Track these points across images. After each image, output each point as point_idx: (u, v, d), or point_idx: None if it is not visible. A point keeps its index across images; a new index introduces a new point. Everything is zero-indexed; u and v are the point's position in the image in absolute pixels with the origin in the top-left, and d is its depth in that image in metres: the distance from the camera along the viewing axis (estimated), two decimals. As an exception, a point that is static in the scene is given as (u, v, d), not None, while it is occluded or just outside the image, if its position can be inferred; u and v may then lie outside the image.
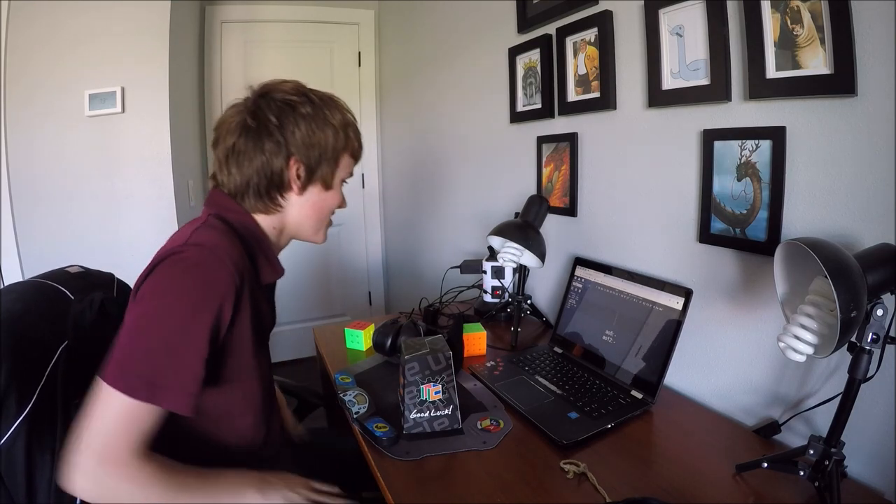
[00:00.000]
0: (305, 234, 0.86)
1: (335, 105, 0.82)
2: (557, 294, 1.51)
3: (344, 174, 0.85)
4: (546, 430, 0.91)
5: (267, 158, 0.76)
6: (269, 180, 0.78)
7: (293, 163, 0.77)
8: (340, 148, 0.81)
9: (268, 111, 0.76)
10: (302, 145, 0.77)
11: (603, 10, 1.22)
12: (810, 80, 0.80)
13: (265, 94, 0.79)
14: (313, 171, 0.79)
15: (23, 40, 1.92)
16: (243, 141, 0.77)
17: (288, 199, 0.81)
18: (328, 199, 0.84)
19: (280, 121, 0.76)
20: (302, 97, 0.78)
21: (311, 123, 0.77)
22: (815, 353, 0.67)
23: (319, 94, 0.82)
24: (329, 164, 0.81)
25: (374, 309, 3.18)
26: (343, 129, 0.81)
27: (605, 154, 1.29)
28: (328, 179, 0.82)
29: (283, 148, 0.76)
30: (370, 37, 2.90)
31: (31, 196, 1.98)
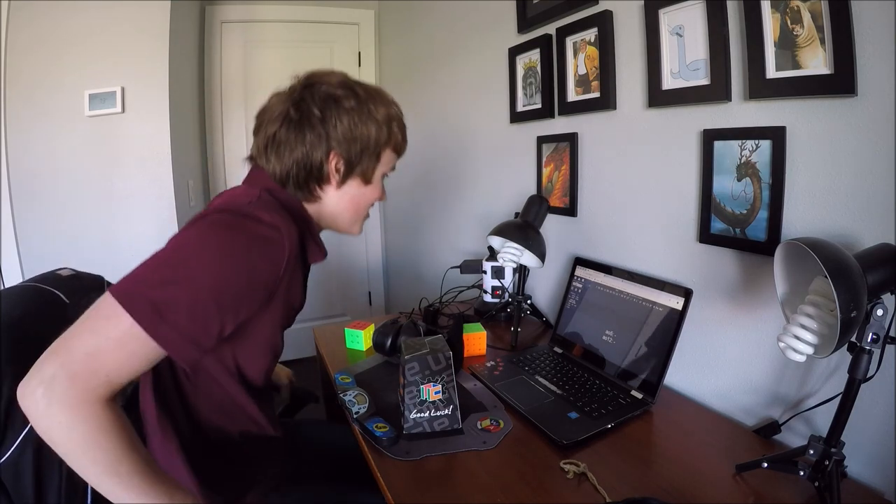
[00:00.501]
0: (342, 225, 0.86)
1: (380, 99, 0.81)
2: (557, 294, 1.51)
3: (385, 169, 0.85)
4: (546, 430, 0.91)
5: (307, 150, 0.76)
6: (308, 172, 0.77)
7: (333, 156, 0.77)
8: (383, 143, 0.81)
9: (311, 103, 0.76)
10: (343, 139, 0.76)
11: (603, 10, 1.22)
12: (810, 80, 0.80)
13: (310, 86, 0.78)
14: (353, 166, 0.79)
15: (23, 40, 1.92)
16: (284, 131, 0.76)
17: (326, 192, 0.80)
18: (367, 194, 0.84)
19: (323, 114, 0.75)
20: (347, 90, 0.77)
21: (353, 118, 0.77)
22: (815, 353, 0.67)
23: (365, 88, 0.81)
24: (370, 158, 0.80)
25: (374, 309, 3.18)
26: (387, 123, 0.81)
27: (605, 154, 1.29)
28: (368, 174, 0.81)
29: (325, 141, 0.76)
30: (370, 37, 2.90)
31: (31, 196, 1.98)
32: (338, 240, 3.34)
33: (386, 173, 0.86)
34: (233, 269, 0.64)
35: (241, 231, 0.66)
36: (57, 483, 0.77)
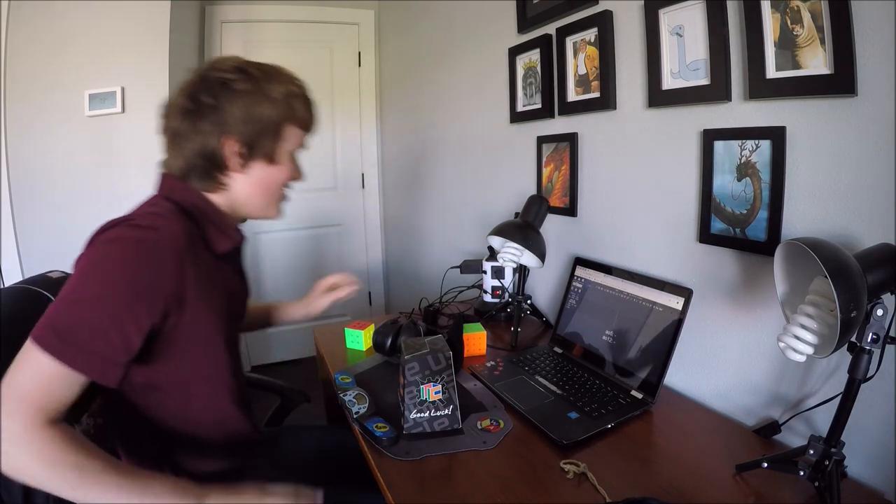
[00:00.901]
0: (255, 210, 0.84)
1: (277, 76, 0.80)
2: (557, 294, 1.51)
3: (291, 146, 0.83)
4: (546, 430, 0.91)
5: (204, 140, 0.76)
6: (208, 161, 0.77)
7: (230, 141, 0.76)
8: (280, 119, 0.79)
9: (203, 92, 0.75)
10: (239, 122, 0.75)
11: (603, 10, 1.22)
12: (810, 80, 0.80)
13: (204, 75, 0.78)
14: (254, 147, 0.78)
15: (23, 40, 1.92)
16: (180, 123, 0.76)
17: (232, 178, 0.79)
18: (275, 174, 0.82)
19: (216, 100, 0.75)
20: (239, 74, 0.76)
21: (247, 100, 0.75)
22: (815, 353, 0.67)
23: (261, 67, 0.80)
24: (270, 137, 0.78)
25: (374, 309, 3.18)
26: (285, 100, 0.79)
27: (605, 154, 1.29)
28: (272, 154, 0.80)
29: (219, 127, 0.75)
30: (370, 37, 2.90)
31: (31, 196, 1.98)
32: (338, 240, 3.35)
33: (294, 151, 0.84)
34: (117, 279, 0.64)
35: (117, 242, 0.66)
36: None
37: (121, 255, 0.65)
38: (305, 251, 2.96)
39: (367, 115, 2.98)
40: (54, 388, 0.61)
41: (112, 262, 0.64)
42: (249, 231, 3.14)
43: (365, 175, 3.03)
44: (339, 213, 3.01)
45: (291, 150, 0.83)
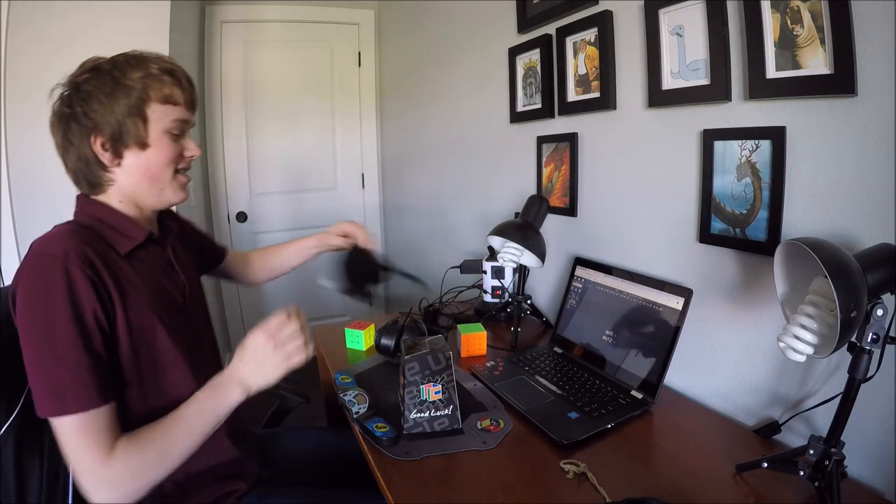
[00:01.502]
0: (151, 198, 0.82)
1: (130, 64, 0.77)
2: (557, 294, 1.51)
3: (164, 124, 0.79)
4: (546, 430, 0.91)
5: (75, 146, 0.76)
6: (85, 164, 0.77)
7: (94, 140, 0.76)
8: (138, 101, 0.76)
9: (62, 102, 0.77)
10: (96, 118, 0.75)
11: (603, 10, 1.22)
12: (810, 80, 0.80)
13: (63, 86, 0.78)
14: (119, 138, 0.76)
15: (23, 40, 1.92)
16: (57, 137, 0.78)
17: (114, 174, 0.79)
18: (152, 157, 0.79)
19: (71, 106, 0.75)
20: (89, 73, 0.76)
21: (97, 95, 0.75)
22: (815, 353, 0.67)
23: (115, 61, 0.78)
24: (134, 123, 0.76)
25: (374, 309, 3.18)
26: (139, 81, 0.76)
27: (605, 154, 1.29)
28: (140, 138, 0.77)
29: (85, 130, 0.76)
30: (370, 37, 2.90)
31: (31, 195, 1.98)
32: (338, 240, 3.29)
33: (171, 129, 0.80)
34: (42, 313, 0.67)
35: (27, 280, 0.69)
36: (38, 475, 0.79)
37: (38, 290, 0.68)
38: (305, 251, 2.96)
39: (367, 115, 2.98)
40: (91, 431, 0.67)
41: (38, 304, 0.67)
42: (248, 231, 3.11)
43: (365, 175, 3.03)
44: (339, 213, 3.01)
45: (168, 129, 0.79)
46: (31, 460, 0.79)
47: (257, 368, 0.75)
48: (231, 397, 0.75)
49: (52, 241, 0.71)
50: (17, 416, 0.76)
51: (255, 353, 0.75)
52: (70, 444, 0.66)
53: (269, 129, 2.79)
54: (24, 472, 0.78)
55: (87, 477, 0.66)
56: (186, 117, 0.83)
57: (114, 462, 0.67)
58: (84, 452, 0.66)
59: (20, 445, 0.77)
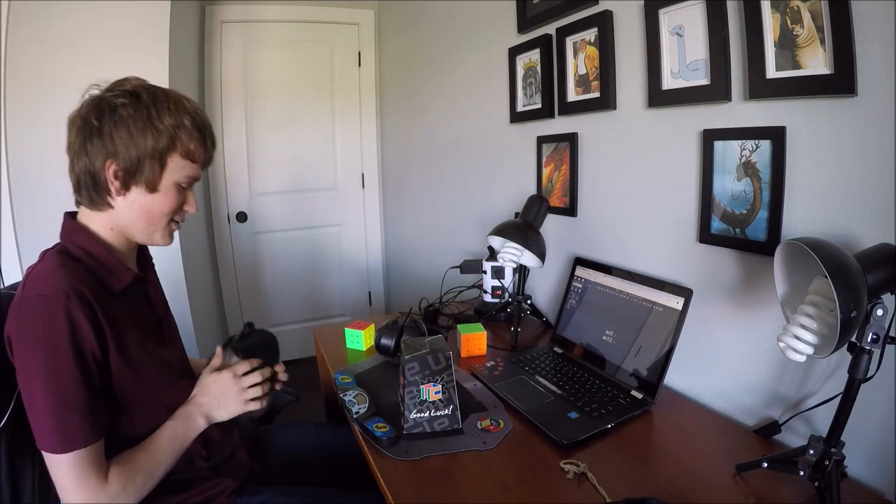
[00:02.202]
0: (139, 235, 0.83)
1: (167, 106, 0.78)
2: (557, 294, 1.51)
3: (177, 177, 0.81)
4: (546, 430, 0.91)
5: (89, 159, 0.77)
6: (93, 180, 0.78)
7: (109, 164, 0.77)
8: (164, 150, 0.78)
9: (92, 112, 0.77)
10: (120, 147, 0.76)
11: (603, 10, 1.22)
12: (810, 80, 0.80)
13: (100, 95, 0.78)
14: (132, 173, 0.78)
15: (23, 40, 1.92)
16: (74, 139, 0.78)
17: (115, 200, 0.80)
18: (157, 202, 0.81)
19: (100, 122, 0.76)
20: (128, 97, 0.77)
21: (129, 125, 0.76)
22: (815, 353, 0.67)
23: (154, 94, 0.79)
24: (151, 166, 0.78)
25: (374, 309, 3.18)
26: (170, 130, 0.78)
27: (605, 154, 1.29)
28: (152, 182, 0.79)
29: (102, 149, 0.76)
30: (370, 37, 2.90)
31: (31, 196, 1.98)
32: (338, 240, 3.34)
33: (182, 182, 0.82)
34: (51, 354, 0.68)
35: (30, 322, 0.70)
36: (31, 477, 0.79)
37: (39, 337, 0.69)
38: (305, 251, 2.96)
39: (367, 115, 2.98)
40: (89, 463, 0.70)
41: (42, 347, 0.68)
42: (248, 231, 3.11)
43: (365, 175, 3.03)
44: (339, 213, 3.01)
45: (179, 181, 0.82)
46: (24, 461, 0.79)
47: (221, 403, 0.86)
48: (198, 426, 0.84)
49: (49, 279, 0.71)
50: (9, 420, 0.76)
51: (221, 389, 0.87)
52: (70, 478, 0.69)
53: (269, 129, 2.79)
54: (18, 473, 0.78)
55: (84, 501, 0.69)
56: (198, 175, 0.85)
57: (109, 487, 0.71)
58: (84, 484, 0.69)
59: (13, 447, 0.78)
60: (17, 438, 0.78)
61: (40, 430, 0.69)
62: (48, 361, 0.68)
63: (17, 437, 0.78)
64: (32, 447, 0.79)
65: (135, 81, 0.80)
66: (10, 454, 0.77)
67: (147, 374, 0.80)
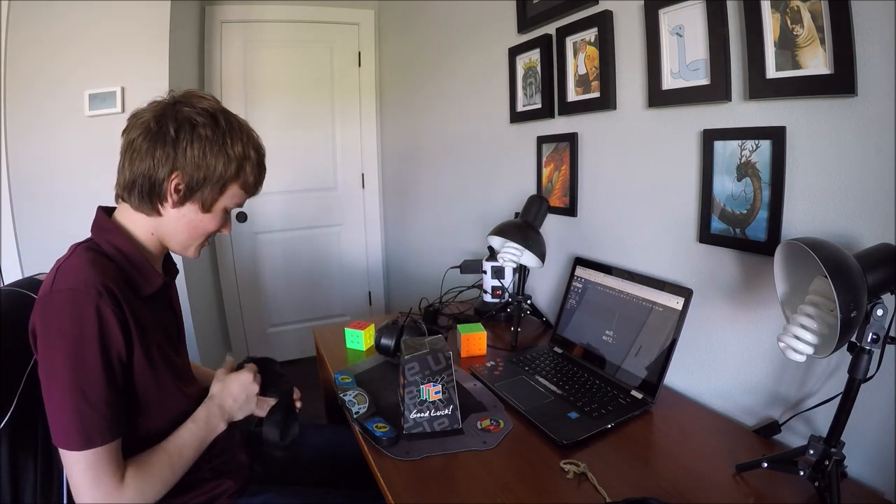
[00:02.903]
0: (175, 245, 0.86)
1: (240, 136, 0.82)
2: (557, 294, 1.51)
3: (229, 203, 0.85)
4: (546, 430, 0.91)
5: (153, 164, 0.77)
6: (150, 185, 0.78)
7: (175, 176, 0.78)
8: (229, 178, 0.81)
9: (171, 121, 0.77)
10: (189, 163, 0.77)
11: (603, 10, 1.22)
12: (810, 80, 0.80)
13: (178, 104, 0.79)
14: (193, 191, 0.79)
15: (23, 40, 1.92)
16: (141, 140, 0.78)
17: (166, 209, 0.81)
18: (205, 222, 0.84)
19: (177, 134, 0.76)
20: (208, 118, 0.78)
21: (205, 146, 0.77)
22: (815, 353, 0.67)
23: (230, 120, 0.82)
24: (213, 189, 0.80)
25: (374, 309, 3.18)
26: (239, 160, 0.81)
27: (605, 154, 1.29)
28: (208, 203, 0.82)
29: (171, 160, 0.77)
30: (370, 37, 2.90)
31: (31, 196, 1.98)
32: (338, 240, 3.33)
33: (230, 208, 0.86)
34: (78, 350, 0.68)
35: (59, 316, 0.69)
36: (32, 476, 0.79)
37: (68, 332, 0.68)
38: (305, 251, 2.96)
39: (367, 115, 2.98)
40: (106, 463, 0.70)
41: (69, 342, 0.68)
42: (248, 231, 3.11)
43: (365, 175, 3.03)
44: (339, 213, 3.01)
45: (228, 207, 0.86)
46: (26, 461, 0.79)
47: (243, 404, 0.90)
48: (219, 427, 0.86)
49: (81, 274, 0.71)
50: (11, 418, 0.76)
51: (244, 390, 0.90)
52: (86, 476, 0.69)
53: (268, 128, 2.79)
54: (19, 472, 0.78)
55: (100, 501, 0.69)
56: (243, 203, 0.89)
57: (126, 489, 0.71)
58: (100, 483, 0.69)
59: (14, 446, 0.78)
60: (18, 438, 0.78)
61: (59, 425, 0.68)
62: (74, 357, 0.68)
63: (18, 437, 0.78)
64: (35, 446, 0.79)
65: (211, 100, 0.82)
66: (12, 453, 0.77)
67: (165, 379, 0.81)
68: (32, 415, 0.78)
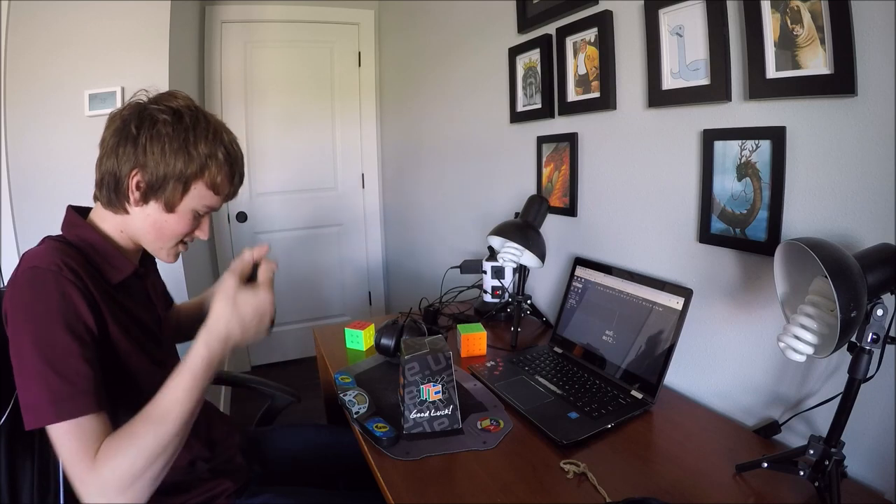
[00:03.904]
0: (147, 246, 0.85)
1: (208, 133, 0.79)
2: (557, 294, 1.51)
3: (196, 204, 0.81)
4: (546, 430, 0.91)
5: (117, 162, 0.77)
6: (116, 183, 0.78)
7: (135, 173, 0.77)
8: (190, 176, 0.78)
9: (133, 119, 0.77)
10: (150, 161, 0.76)
11: (603, 10, 1.22)
12: (810, 80, 0.80)
13: (149, 104, 0.79)
14: (154, 189, 0.78)
15: (23, 40, 1.92)
16: (109, 138, 0.78)
17: (132, 208, 0.80)
18: (170, 222, 0.81)
19: (138, 131, 0.76)
20: (172, 116, 0.77)
21: (164, 144, 0.76)
22: (815, 353, 0.67)
23: (197, 118, 0.80)
24: (175, 188, 0.78)
25: (374, 309, 3.18)
26: (204, 158, 0.79)
27: (605, 154, 1.29)
28: (171, 203, 0.79)
29: (132, 157, 0.76)
30: (370, 37, 2.90)
31: (30, 196, 1.98)
32: (338, 240, 3.34)
33: (199, 210, 0.83)
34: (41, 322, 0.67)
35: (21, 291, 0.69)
36: (30, 476, 0.79)
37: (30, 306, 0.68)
38: (305, 251, 2.96)
39: (367, 115, 2.98)
40: (83, 438, 0.65)
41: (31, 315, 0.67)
42: (248, 232, 3.11)
43: (365, 175, 3.03)
44: (339, 213, 3.01)
45: (196, 208, 0.82)
46: (24, 461, 0.79)
47: (253, 335, 0.79)
48: (218, 369, 0.76)
49: (45, 255, 0.71)
50: (8, 418, 0.76)
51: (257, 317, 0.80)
52: (63, 453, 0.65)
53: (268, 129, 2.79)
54: (16, 473, 0.78)
55: (79, 485, 0.65)
56: (217, 206, 0.86)
57: (99, 467, 0.64)
58: (76, 460, 0.64)
59: (11, 447, 0.78)
60: (15, 439, 0.78)
61: (29, 400, 0.65)
62: (40, 329, 0.66)
63: (15, 438, 0.78)
64: (32, 446, 0.79)
65: (182, 99, 0.81)
66: (10, 455, 0.77)
67: (137, 364, 0.79)
68: None
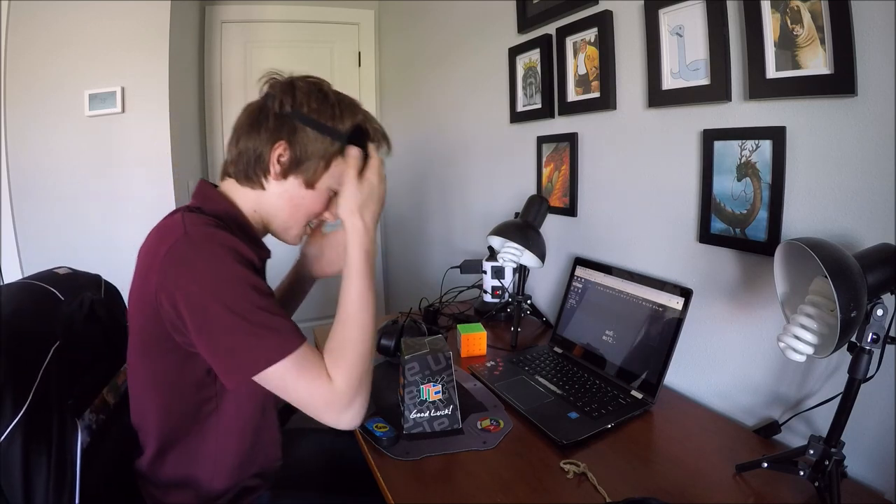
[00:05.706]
0: (277, 225, 0.84)
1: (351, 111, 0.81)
2: (557, 294, 1.51)
3: (334, 183, 0.82)
4: (546, 430, 0.91)
5: (259, 137, 0.77)
6: (257, 157, 0.78)
7: (278, 146, 0.77)
8: (335, 151, 0.79)
9: (280, 96, 0.77)
10: (297, 137, 0.77)
11: (603, 10, 1.22)
12: (810, 80, 0.80)
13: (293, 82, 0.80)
14: (297, 164, 0.78)
15: (23, 40, 1.92)
16: (246, 117, 0.79)
17: (269, 182, 0.80)
18: (307, 199, 0.82)
19: (281, 107, 0.77)
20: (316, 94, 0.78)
21: (315, 119, 0.77)
22: (815, 353, 0.67)
23: (339, 95, 0.82)
24: (316, 163, 0.79)
25: (373, 309, 3.17)
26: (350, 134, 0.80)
27: (605, 154, 1.29)
28: (311, 178, 0.80)
29: (279, 133, 0.77)
30: (370, 37, 2.90)
31: (31, 196, 1.98)
32: (338, 240, 3.28)
33: (336, 188, 0.83)
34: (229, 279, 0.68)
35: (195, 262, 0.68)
36: (45, 475, 0.78)
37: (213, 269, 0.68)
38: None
39: (367, 115, 2.98)
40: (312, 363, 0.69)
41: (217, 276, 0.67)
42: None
43: (365, 175, 3.03)
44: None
45: (333, 188, 0.82)
46: (39, 459, 0.78)
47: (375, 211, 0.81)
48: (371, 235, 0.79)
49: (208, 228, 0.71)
50: (26, 414, 0.75)
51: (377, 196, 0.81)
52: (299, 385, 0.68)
53: (269, 129, 2.79)
54: (31, 471, 0.77)
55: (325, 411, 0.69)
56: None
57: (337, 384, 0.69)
58: (315, 387, 0.68)
59: (27, 444, 0.76)
60: (32, 436, 0.76)
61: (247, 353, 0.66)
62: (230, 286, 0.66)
63: (32, 435, 0.76)
64: (48, 446, 0.77)
65: (312, 81, 0.82)
66: (25, 452, 0.75)
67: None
68: (48, 414, 0.76)
